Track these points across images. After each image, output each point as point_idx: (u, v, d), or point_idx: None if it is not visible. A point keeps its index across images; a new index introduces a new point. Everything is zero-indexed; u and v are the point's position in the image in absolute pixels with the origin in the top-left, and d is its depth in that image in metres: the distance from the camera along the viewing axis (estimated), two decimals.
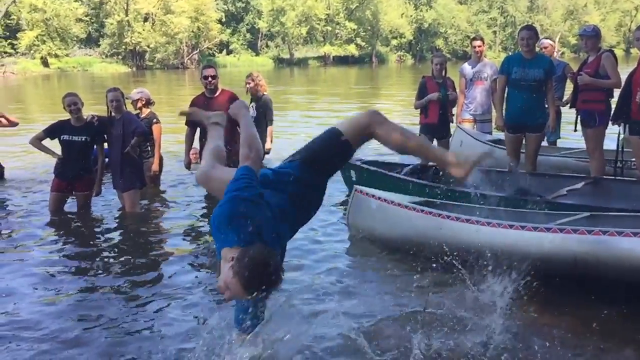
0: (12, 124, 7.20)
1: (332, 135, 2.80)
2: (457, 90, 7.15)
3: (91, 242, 5.23)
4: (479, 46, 7.45)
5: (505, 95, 6.15)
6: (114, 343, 3.33)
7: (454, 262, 3.74)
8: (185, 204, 6.33)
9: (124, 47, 46.59)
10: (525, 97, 5.91)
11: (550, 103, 6.06)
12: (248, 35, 57.18)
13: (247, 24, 57.34)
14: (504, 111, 6.20)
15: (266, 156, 7.91)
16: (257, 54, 56.06)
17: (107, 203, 6.27)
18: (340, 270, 4.44)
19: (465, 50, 57.95)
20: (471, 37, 9.01)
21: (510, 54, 7.96)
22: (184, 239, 5.28)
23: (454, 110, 7.28)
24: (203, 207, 6.18)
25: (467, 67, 7.54)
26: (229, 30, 55.25)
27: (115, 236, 5.42)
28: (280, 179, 2.70)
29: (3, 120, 7.12)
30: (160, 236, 5.39)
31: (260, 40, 57.91)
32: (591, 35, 5.89)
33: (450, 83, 6.89)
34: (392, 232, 4.64)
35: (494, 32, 66.86)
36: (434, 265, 4.01)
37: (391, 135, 2.81)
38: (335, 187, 6.89)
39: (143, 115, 6.77)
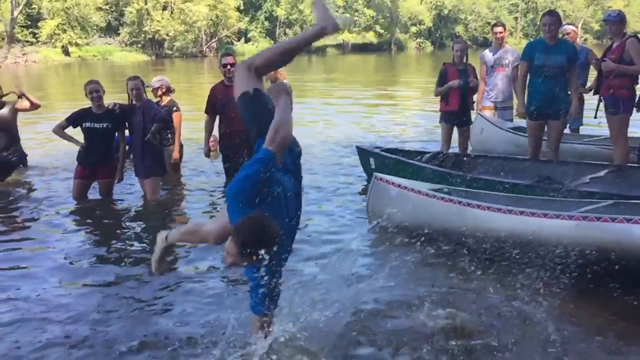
0: (34, 105, 7.24)
1: None
2: (478, 77, 7.07)
3: (113, 229, 5.29)
4: (500, 32, 7.36)
5: (527, 82, 6.07)
6: (135, 325, 3.39)
7: (474, 249, 3.73)
8: (206, 191, 6.37)
9: (143, 35, 46.80)
10: (548, 83, 5.82)
11: (574, 90, 5.97)
12: (266, 23, 57.06)
13: (265, 12, 57.20)
14: (525, 98, 6.13)
15: None
16: (275, 42, 55.96)
17: (129, 190, 6.33)
18: (359, 259, 4.43)
19: (485, 37, 57.28)
20: (492, 23, 8.89)
21: (531, 40, 7.82)
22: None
23: (475, 98, 7.22)
24: (223, 195, 6.20)
25: (488, 54, 7.45)
26: (247, 18, 55.18)
27: (136, 223, 5.49)
28: (298, 167, 2.84)
29: (25, 102, 7.18)
30: (179, 223, 5.43)
31: (279, 28, 57.78)
32: (616, 20, 5.78)
33: (471, 70, 6.82)
34: (412, 220, 4.62)
35: (515, 19, 65.95)
36: (455, 253, 4.02)
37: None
38: (355, 175, 6.90)
39: (163, 103, 6.81)
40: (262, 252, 2.42)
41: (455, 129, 6.97)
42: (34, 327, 3.42)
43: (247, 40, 53.83)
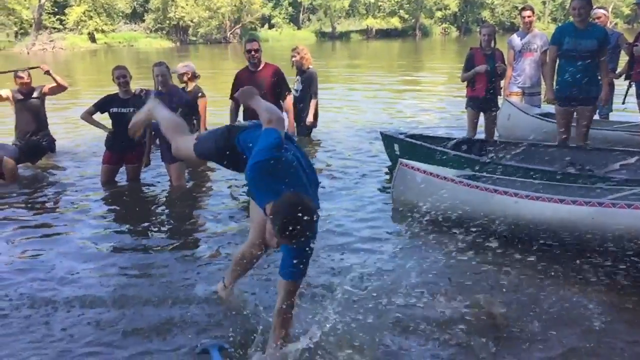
0: (60, 86, 7.32)
1: None
2: (506, 62, 6.96)
3: (139, 214, 5.35)
4: (529, 16, 7.23)
5: (556, 67, 5.96)
6: (159, 308, 3.43)
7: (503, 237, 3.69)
8: (231, 177, 6.40)
9: (167, 22, 47.06)
10: (578, 68, 5.71)
11: (604, 75, 5.85)
12: (290, 9, 56.89)
13: None
14: (554, 83, 6.02)
15: (314, 130, 7.95)
16: (299, 28, 55.82)
17: (157, 175, 6.39)
18: (384, 245, 4.43)
19: (512, 22, 56.36)
20: (519, 7, 8.73)
21: (560, 24, 7.67)
22: (229, 212, 5.35)
23: (502, 83, 7.11)
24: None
25: (515, 39, 7.33)
26: (270, 4, 55.07)
27: (162, 209, 5.55)
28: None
29: (52, 84, 7.27)
30: (205, 210, 5.47)
31: (302, 14, 57.57)
32: None
33: (499, 55, 6.71)
34: (438, 206, 4.59)
35: (543, 3, 64.59)
36: (481, 239, 3.98)
37: None
38: (379, 161, 6.88)
39: (189, 89, 6.85)
40: (306, 231, 2.43)
41: (481, 115, 6.89)
42: (63, 307, 3.48)
43: (270, 27, 53.78)
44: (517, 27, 8.11)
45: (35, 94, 7.16)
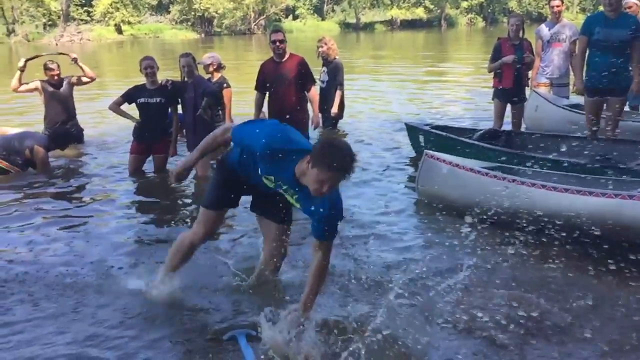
0: (88, 77, 7.46)
1: None
2: (534, 53, 6.85)
3: (165, 204, 5.40)
4: (558, 6, 7.10)
5: (586, 57, 5.85)
6: (187, 296, 3.46)
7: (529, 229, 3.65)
8: None
9: (193, 13, 47.25)
10: (608, 59, 5.59)
11: (635, 65, 5.72)
12: (314, 0, 56.67)
13: None
14: (584, 74, 5.91)
15: (340, 121, 7.94)
16: (323, 19, 55.56)
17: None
18: (408, 236, 4.41)
19: (540, 12, 55.35)
20: None
21: (589, 14, 7.52)
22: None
23: (530, 74, 7.01)
24: None
25: (544, 29, 7.22)
26: None
27: (188, 199, 5.60)
28: None
29: (79, 74, 7.41)
30: None
31: (327, 5, 57.31)
32: None
33: (527, 45, 6.62)
34: (464, 198, 4.56)
35: None
36: (508, 232, 3.94)
37: None
38: (404, 152, 6.85)
39: (214, 80, 6.88)
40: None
41: (508, 107, 6.80)
42: (91, 295, 3.54)
43: (294, 18, 53.64)
44: (545, 17, 7.95)
45: (64, 85, 7.29)
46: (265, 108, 6.51)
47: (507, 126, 6.83)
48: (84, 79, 7.49)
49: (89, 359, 2.92)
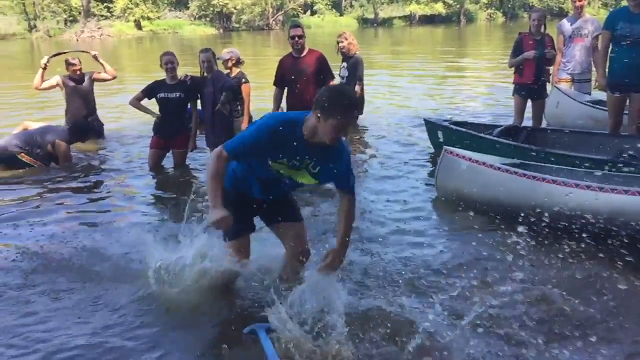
0: (109, 74, 7.56)
1: None
2: (555, 48, 6.77)
3: (184, 200, 5.40)
4: (580, 1, 7.00)
5: (609, 52, 5.76)
6: (207, 290, 3.45)
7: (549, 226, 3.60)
8: None
9: (211, 9, 47.43)
10: (632, 54, 5.50)
11: None
12: None
13: None
14: (606, 70, 5.83)
15: (359, 117, 7.91)
16: (341, 14, 55.41)
17: (202, 160, 6.47)
18: (427, 233, 4.39)
19: (561, 7, 54.65)
20: None
21: (611, 9, 7.39)
22: None
23: (551, 70, 6.93)
24: None
25: (565, 24, 7.12)
26: None
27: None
28: None
29: (101, 71, 7.50)
30: None
31: (345, 0, 57.13)
32: None
33: (549, 40, 6.53)
34: (483, 194, 4.53)
35: None
36: (526, 230, 3.90)
37: None
38: (422, 148, 6.81)
39: (232, 75, 6.89)
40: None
41: (529, 102, 6.73)
42: (112, 288, 3.59)
43: (312, 13, 53.59)
44: (566, 12, 7.84)
45: (85, 80, 7.38)
46: (283, 103, 6.51)
47: (527, 122, 6.77)
48: (105, 76, 7.57)
49: (110, 348, 2.96)
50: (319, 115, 2.65)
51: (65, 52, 7.59)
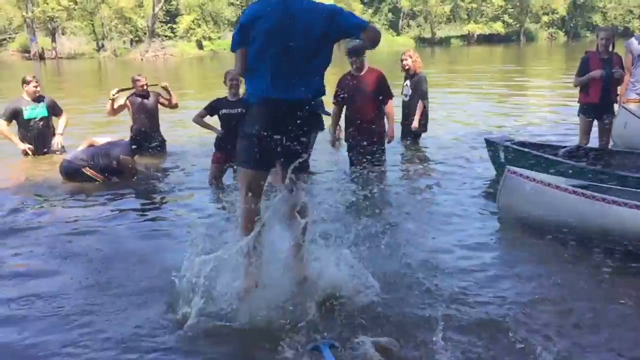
0: (172, 102, 7.85)
1: None
2: (624, 68, 6.54)
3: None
4: None
5: None
6: (270, 306, 3.45)
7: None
8: (332, 178, 6.37)
9: None
10: None
11: None
12: (389, 15, 56.73)
13: (389, 4, 56.85)
14: None
15: (422, 134, 7.82)
16: (398, 34, 55.49)
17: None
18: (488, 255, 4.26)
19: (627, 26, 53.02)
20: (635, 10, 8.17)
21: None
22: (335, 210, 5.34)
23: (619, 90, 6.69)
24: (350, 182, 6.20)
25: (634, 42, 6.89)
26: (370, 11, 55.19)
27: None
28: None
29: (164, 97, 7.78)
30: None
31: (402, 20, 57.22)
32: None
33: (617, 60, 6.32)
34: (548, 217, 4.38)
35: None
36: (598, 254, 3.75)
37: None
38: (483, 168, 6.68)
39: None
40: None
41: (595, 123, 6.51)
42: (159, 296, 3.65)
43: None
44: (632, 31, 7.58)
45: (151, 96, 7.68)
46: (341, 122, 6.53)
47: (593, 143, 6.54)
48: (168, 102, 7.87)
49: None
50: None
51: (131, 88, 7.84)
